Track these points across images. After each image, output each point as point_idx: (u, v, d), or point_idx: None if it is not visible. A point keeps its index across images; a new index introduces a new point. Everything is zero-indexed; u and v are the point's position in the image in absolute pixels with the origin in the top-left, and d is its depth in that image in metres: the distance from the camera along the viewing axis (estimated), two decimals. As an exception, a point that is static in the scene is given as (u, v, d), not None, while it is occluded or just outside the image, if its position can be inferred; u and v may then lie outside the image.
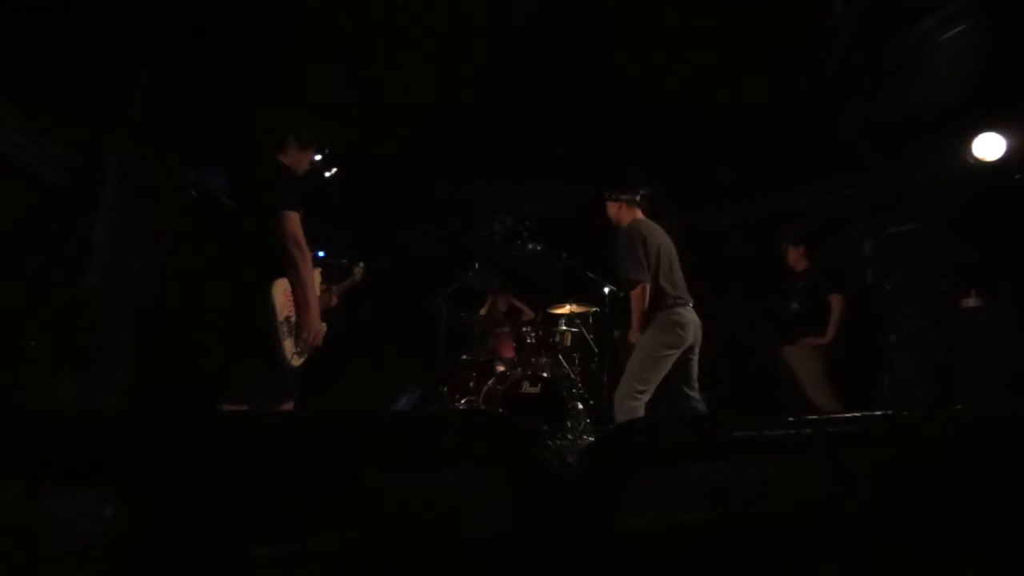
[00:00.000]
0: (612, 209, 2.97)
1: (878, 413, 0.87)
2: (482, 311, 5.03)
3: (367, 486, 0.53)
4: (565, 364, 4.31)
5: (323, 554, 0.51)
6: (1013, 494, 0.76)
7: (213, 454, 0.54)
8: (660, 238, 2.81)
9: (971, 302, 3.58)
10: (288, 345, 2.00)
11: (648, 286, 2.66)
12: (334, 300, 2.65)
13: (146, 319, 2.97)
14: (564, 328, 4.43)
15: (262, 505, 0.52)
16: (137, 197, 2.89)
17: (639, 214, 2.91)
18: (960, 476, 0.77)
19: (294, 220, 1.99)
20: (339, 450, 0.55)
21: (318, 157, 3.75)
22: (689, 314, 2.75)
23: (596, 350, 4.57)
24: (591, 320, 4.59)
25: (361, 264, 2.85)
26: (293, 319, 2.05)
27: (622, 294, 3.29)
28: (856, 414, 0.86)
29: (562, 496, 0.51)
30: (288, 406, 2.06)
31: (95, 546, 0.48)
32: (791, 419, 0.85)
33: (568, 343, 4.42)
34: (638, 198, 2.93)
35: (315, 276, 2.19)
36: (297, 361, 2.06)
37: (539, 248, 5.57)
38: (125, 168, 2.78)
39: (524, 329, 4.49)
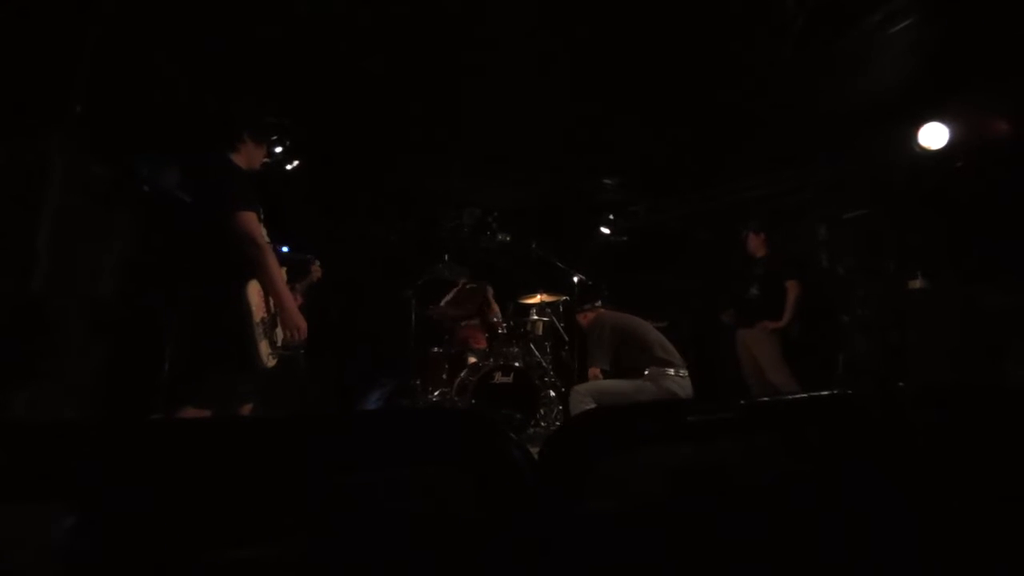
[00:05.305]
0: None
1: (824, 393, 0.92)
2: (447, 299, 4.91)
3: (334, 487, 0.54)
4: (537, 353, 4.35)
5: (293, 556, 0.51)
6: (953, 464, 0.82)
7: (178, 461, 0.54)
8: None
9: (917, 283, 3.78)
10: (263, 347, 1.96)
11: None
12: (298, 298, 2.60)
13: (103, 325, 2.84)
14: (535, 317, 4.46)
15: (229, 511, 0.52)
16: (86, 195, 2.75)
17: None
18: (903, 450, 0.83)
19: (248, 220, 1.93)
20: (306, 452, 0.55)
21: (278, 149, 3.65)
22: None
23: (567, 338, 4.63)
24: (561, 309, 4.64)
25: (317, 261, 2.79)
26: (267, 319, 2.01)
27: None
28: (804, 395, 0.91)
29: (523, 487, 0.53)
30: (247, 409, 2.03)
31: (51, 561, 0.48)
32: (743, 402, 0.89)
33: (539, 332, 4.46)
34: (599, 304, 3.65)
35: (282, 273, 2.15)
36: (271, 362, 2.02)
37: (508, 239, 5.58)
38: (70, 166, 2.63)
39: (495, 319, 4.51)
